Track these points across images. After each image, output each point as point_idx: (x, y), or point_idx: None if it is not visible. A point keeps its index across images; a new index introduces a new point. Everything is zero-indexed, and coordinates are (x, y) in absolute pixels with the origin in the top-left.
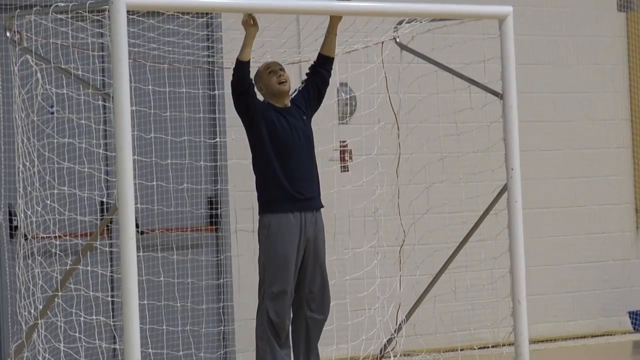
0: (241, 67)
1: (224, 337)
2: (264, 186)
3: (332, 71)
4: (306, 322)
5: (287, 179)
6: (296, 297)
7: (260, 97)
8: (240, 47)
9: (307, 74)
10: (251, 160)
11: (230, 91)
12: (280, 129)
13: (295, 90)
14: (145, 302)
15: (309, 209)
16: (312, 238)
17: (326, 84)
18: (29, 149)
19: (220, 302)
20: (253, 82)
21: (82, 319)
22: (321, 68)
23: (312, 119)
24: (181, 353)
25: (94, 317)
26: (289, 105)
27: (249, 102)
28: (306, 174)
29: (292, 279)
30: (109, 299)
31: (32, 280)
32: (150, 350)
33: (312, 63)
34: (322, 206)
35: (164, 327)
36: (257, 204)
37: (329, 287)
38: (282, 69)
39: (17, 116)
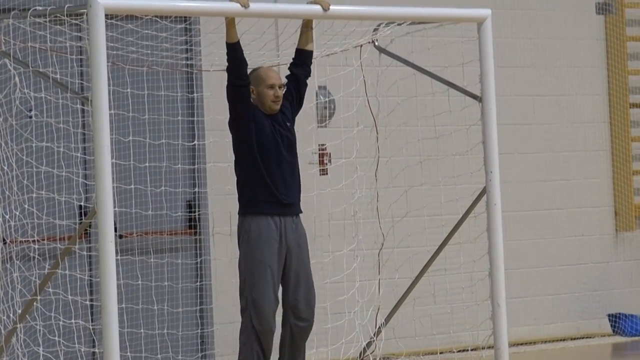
0: (232, 50)
1: (202, 340)
2: (246, 186)
3: (311, 75)
4: (291, 329)
5: (270, 182)
6: (282, 304)
7: None
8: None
9: (287, 77)
10: (233, 161)
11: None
12: (268, 133)
13: None
14: (124, 305)
15: (288, 214)
16: (295, 245)
17: (305, 85)
18: (7, 153)
19: (198, 305)
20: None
21: (61, 322)
22: (301, 64)
23: (296, 123)
24: (159, 356)
25: (73, 321)
26: (277, 112)
27: (246, 95)
28: (288, 180)
29: (273, 285)
30: (88, 302)
31: (10, 284)
32: (129, 353)
33: (291, 61)
34: (301, 212)
35: (142, 330)
36: (238, 205)
37: (315, 294)
38: (280, 87)
39: None
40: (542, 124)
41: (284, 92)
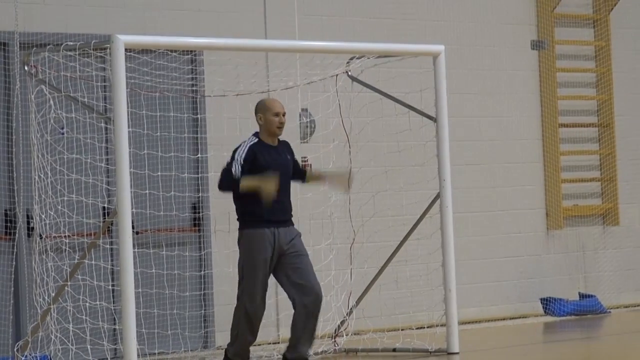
0: (228, 183)
1: (204, 320)
2: (244, 211)
3: (295, 99)
4: (304, 306)
5: (265, 208)
6: (290, 290)
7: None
8: (247, 178)
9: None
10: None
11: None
12: (264, 163)
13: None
14: (140, 290)
15: (282, 226)
16: (288, 241)
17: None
18: (43, 163)
19: (202, 290)
20: (255, 111)
21: (87, 304)
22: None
23: (285, 139)
24: (169, 332)
25: (97, 302)
26: (277, 143)
27: (238, 181)
28: (280, 204)
29: (262, 281)
30: (110, 287)
31: (45, 272)
32: (143, 330)
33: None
34: (293, 224)
35: (155, 311)
36: (235, 209)
37: (312, 275)
38: (284, 114)
39: (33, 136)
40: (486, 140)
41: (294, 157)
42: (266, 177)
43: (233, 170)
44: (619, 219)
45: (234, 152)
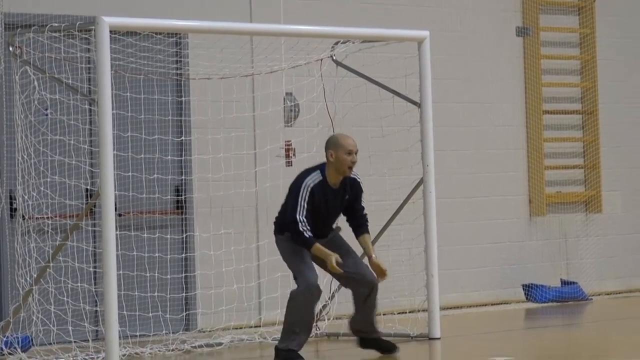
0: (301, 242)
1: (186, 302)
2: (287, 227)
3: (280, 83)
4: (356, 296)
5: (313, 226)
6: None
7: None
8: (320, 248)
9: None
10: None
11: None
12: (318, 204)
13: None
14: (121, 272)
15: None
16: (329, 239)
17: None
18: (26, 144)
19: (183, 272)
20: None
21: (69, 286)
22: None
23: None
24: (151, 315)
25: (79, 284)
26: (339, 184)
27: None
28: (322, 236)
29: (308, 260)
30: (92, 269)
31: (28, 253)
32: (125, 312)
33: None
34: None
35: (137, 293)
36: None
37: (363, 265)
38: (357, 152)
39: (17, 117)
40: (470, 127)
41: (353, 196)
42: (334, 256)
43: (305, 235)
44: (601, 206)
45: (299, 188)
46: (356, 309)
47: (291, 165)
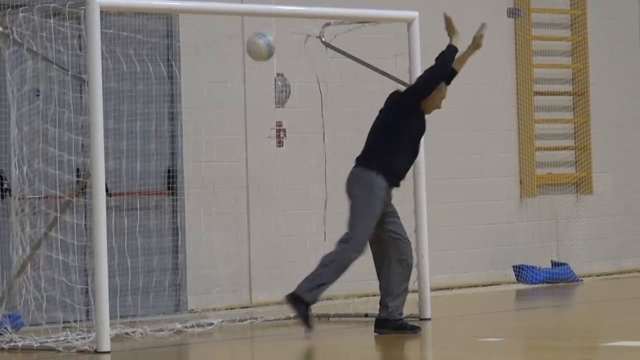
0: (436, 84)
1: (177, 283)
2: (392, 155)
3: (271, 64)
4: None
5: (406, 161)
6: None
7: None
8: (453, 56)
9: None
10: (377, 132)
11: None
12: (420, 128)
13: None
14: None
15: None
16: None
17: None
18: (20, 125)
19: (174, 253)
20: None
21: (60, 263)
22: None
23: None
24: (139, 295)
25: (70, 262)
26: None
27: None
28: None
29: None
30: (83, 247)
31: (20, 232)
32: (118, 295)
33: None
34: None
35: (129, 276)
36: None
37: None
38: (444, 97)
39: (10, 91)
40: (461, 108)
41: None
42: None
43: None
44: (592, 187)
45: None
46: (395, 292)
47: (282, 145)
